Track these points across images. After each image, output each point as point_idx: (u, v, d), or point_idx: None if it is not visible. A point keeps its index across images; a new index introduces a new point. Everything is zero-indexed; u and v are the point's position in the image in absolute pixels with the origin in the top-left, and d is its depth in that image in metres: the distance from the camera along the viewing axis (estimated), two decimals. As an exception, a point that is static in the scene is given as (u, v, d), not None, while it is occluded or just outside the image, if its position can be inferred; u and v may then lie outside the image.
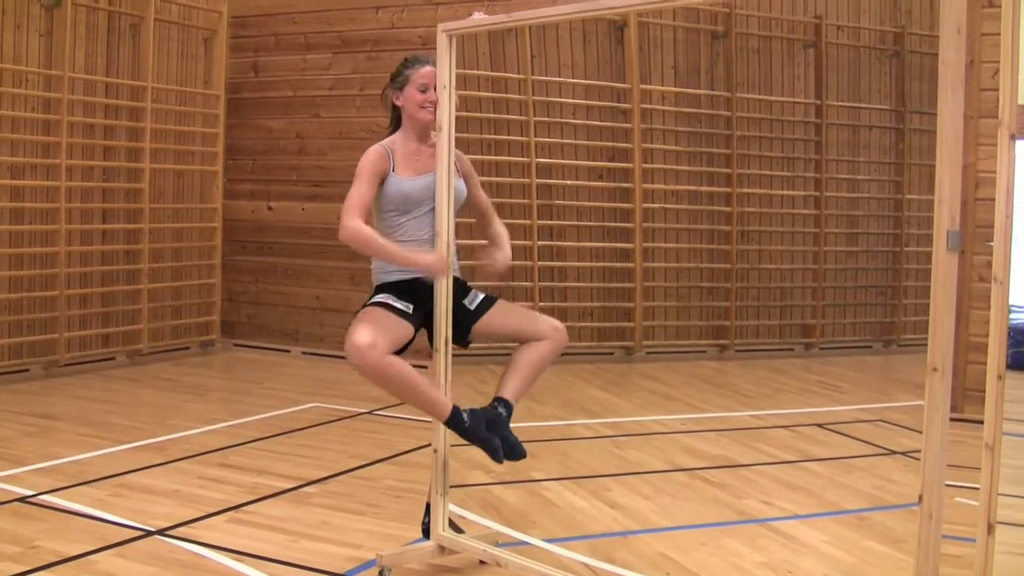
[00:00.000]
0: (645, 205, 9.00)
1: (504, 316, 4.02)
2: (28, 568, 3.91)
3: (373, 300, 3.82)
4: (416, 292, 3.88)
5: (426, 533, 4.09)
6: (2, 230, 7.64)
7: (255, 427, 6.50)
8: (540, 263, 8.76)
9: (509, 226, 8.34)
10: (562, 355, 8.40)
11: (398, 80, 3.93)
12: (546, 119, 8.84)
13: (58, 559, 4.01)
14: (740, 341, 9.37)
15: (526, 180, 8.72)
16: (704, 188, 9.30)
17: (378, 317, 3.71)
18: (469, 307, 3.98)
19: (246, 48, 9.48)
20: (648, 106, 9.05)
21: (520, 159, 8.73)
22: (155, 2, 8.54)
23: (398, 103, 3.95)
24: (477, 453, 5.68)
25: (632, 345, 8.99)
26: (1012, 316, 7.79)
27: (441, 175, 3.90)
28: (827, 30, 9.61)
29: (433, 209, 3.93)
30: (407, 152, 3.93)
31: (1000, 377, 2.63)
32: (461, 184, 4.06)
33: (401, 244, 3.89)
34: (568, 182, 8.90)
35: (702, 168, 9.32)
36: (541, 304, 8.74)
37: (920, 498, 2.71)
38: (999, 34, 2.58)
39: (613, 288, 9.06)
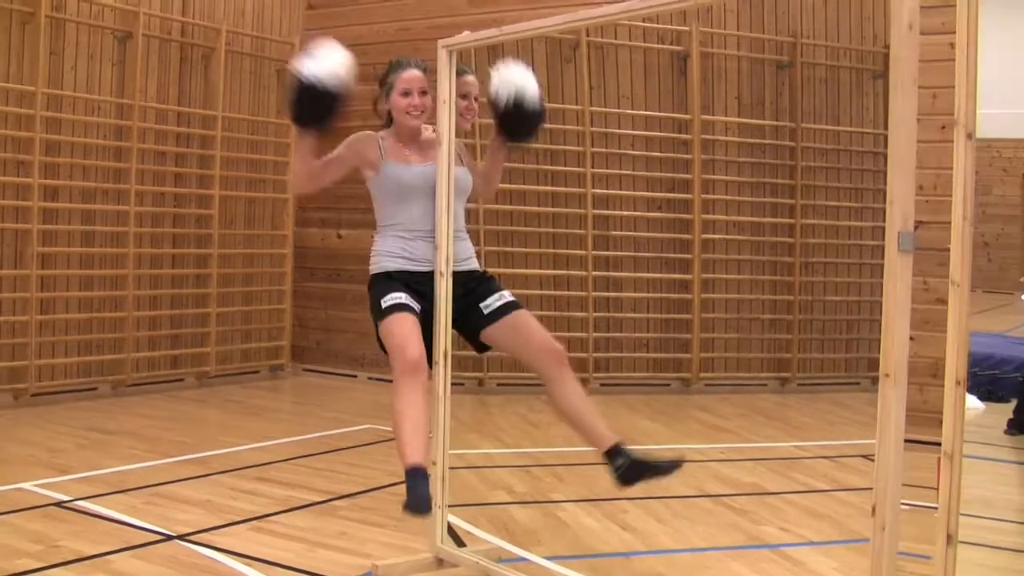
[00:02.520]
0: (705, 236, 8.93)
1: (511, 334, 3.96)
2: (44, 565, 4.03)
3: (393, 302, 3.80)
4: (422, 288, 3.90)
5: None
6: (73, 252, 7.93)
7: (302, 445, 6.60)
8: (595, 293, 8.75)
9: (564, 256, 8.58)
10: (613, 385, 8.52)
11: (385, 86, 3.99)
12: (604, 150, 8.86)
13: (76, 558, 4.13)
14: (803, 374, 9.18)
15: (582, 211, 8.73)
16: (767, 219, 9.19)
17: (408, 325, 3.74)
18: (484, 311, 3.96)
19: (318, 79, 9.70)
20: (710, 137, 9.00)
21: (577, 190, 8.76)
22: (226, 34, 8.81)
23: (387, 108, 4.00)
24: (502, 474, 5.74)
25: (689, 377, 8.89)
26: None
27: (441, 191, 3.93)
28: (896, 60, 9.43)
29: (433, 201, 3.94)
30: (398, 148, 3.97)
31: (959, 383, 2.56)
32: (464, 173, 4.07)
33: (403, 234, 3.92)
34: (625, 213, 8.88)
35: (765, 199, 9.22)
36: (595, 334, 8.72)
37: (873, 510, 2.64)
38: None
39: (670, 319, 8.98)
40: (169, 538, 4.46)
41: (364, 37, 9.46)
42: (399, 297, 3.82)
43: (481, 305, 3.98)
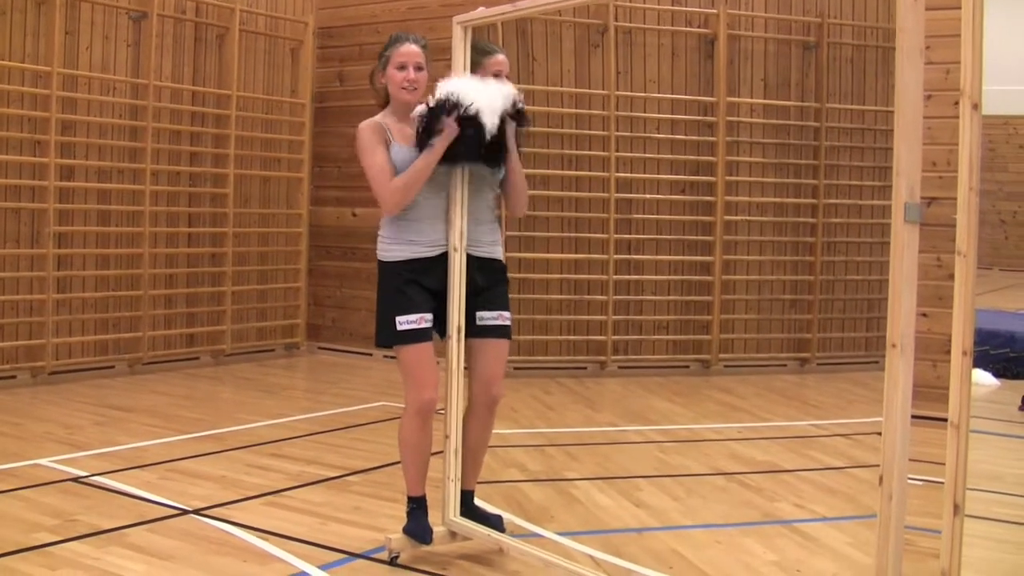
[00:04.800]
0: (727, 218, 8.89)
1: (482, 355, 4.04)
2: (61, 538, 4.09)
3: (409, 327, 3.85)
4: (432, 281, 3.92)
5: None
6: (89, 231, 7.97)
7: (317, 422, 6.64)
8: (616, 276, 8.73)
9: (585, 240, 8.55)
10: (632, 368, 8.57)
11: (381, 60, 3.98)
12: (628, 134, 8.82)
13: (92, 531, 4.19)
14: (822, 354, 9.17)
15: (605, 195, 8.71)
16: (790, 200, 9.16)
17: (425, 362, 3.87)
18: (476, 320, 4.00)
19: (332, 58, 9.72)
20: (735, 119, 8.96)
21: (600, 174, 8.73)
22: (240, 14, 8.82)
23: (384, 82, 3.99)
24: (516, 452, 5.75)
25: (708, 358, 8.88)
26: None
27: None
28: (926, 37, 9.35)
29: (445, 183, 3.93)
30: (400, 128, 3.94)
31: (965, 353, 2.55)
32: None
33: (413, 217, 3.92)
34: (648, 196, 8.86)
35: (788, 180, 9.18)
36: (615, 317, 8.72)
37: (880, 480, 2.64)
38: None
39: (691, 301, 8.96)
40: (184, 512, 4.51)
41: (378, 16, 9.47)
42: (413, 321, 3.87)
43: (478, 314, 4.01)
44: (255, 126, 9.21)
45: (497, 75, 3.98)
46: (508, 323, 4.07)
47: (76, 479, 5.01)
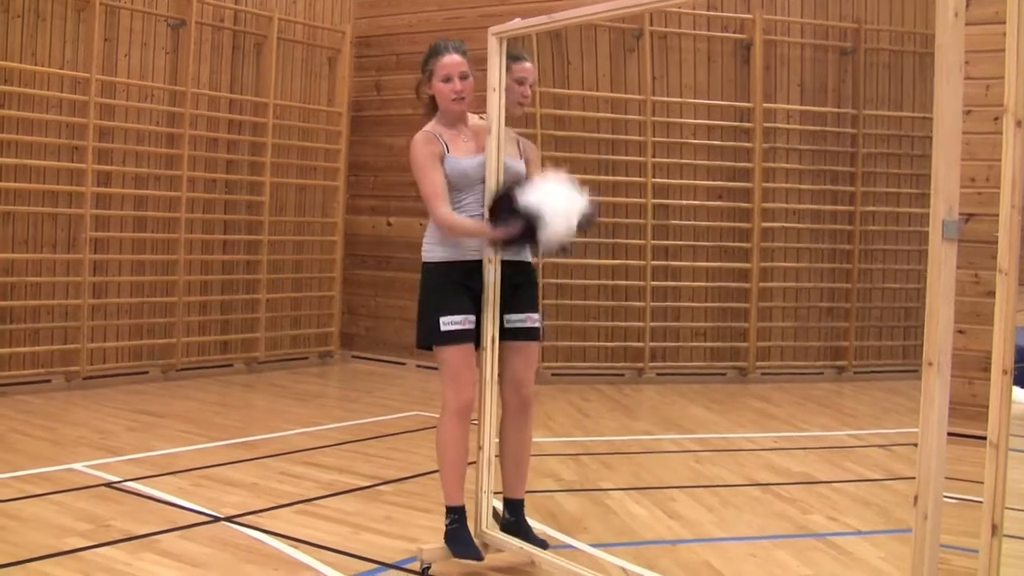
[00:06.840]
0: (764, 224, 8.85)
1: (512, 358, 4.01)
2: (94, 543, 4.11)
3: (452, 327, 3.86)
4: (473, 282, 3.92)
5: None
6: (125, 237, 8.03)
7: (350, 431, 6.64)
8: (653, 283, 8.70)
9: (623, 246, 8.50)
10: (670, 375, 8.52)
11: (425, 72, 3.98)
12: (665, 139, 8.79)
13: (124, 537, 4.21)
14: (859, 362, 9.11)
15: (642, 200, 8.68)
16: (827, 207, 9.10)
17: (467, 363, 3.87)
18: (505, 324, 3.98)
19: (369, 67, 9.75)
20: (772, 125, 8.91)
21: (637, 179, 8.71)
22: (278, 22, 8.88)
23: (430, 93, 3.99)
24: (551, 462, 5.73)
25: (745, 366, 8.83)
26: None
27: (490, 177, 3.93)
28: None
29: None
30: (451, 136, 3.96)
31: (1005, 372, 2.51)
32: (520, 165, 4.05)
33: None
34: (685, 202, 8.82)
35: (825, 187, 9.13)
36: (652, 324, 8.69)
37: (915, 499, 2.60)
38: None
39: (728, 308, 8.93)
40: (216, 519, 4.52)
41: (414, 25, 9.49)
42: (458, 322, 3.87)
43: (506, 316, 3.99)
44: (292, 134, 9.24)
45: (521, 82, 4.00)
46: (537, 324, 4.06)
47: (109, 484, 5.04)
